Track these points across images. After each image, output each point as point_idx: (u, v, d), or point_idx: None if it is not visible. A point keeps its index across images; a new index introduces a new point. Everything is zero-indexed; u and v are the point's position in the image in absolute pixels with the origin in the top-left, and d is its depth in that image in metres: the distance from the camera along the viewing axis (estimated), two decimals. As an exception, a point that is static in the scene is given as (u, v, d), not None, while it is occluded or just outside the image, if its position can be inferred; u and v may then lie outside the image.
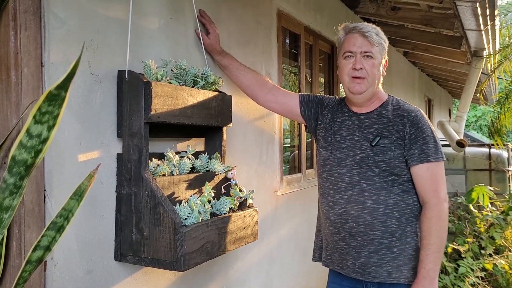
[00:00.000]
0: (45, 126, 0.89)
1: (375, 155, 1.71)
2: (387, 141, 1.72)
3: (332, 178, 1.80)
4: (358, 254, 1.73)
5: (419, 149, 1.70)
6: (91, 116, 1.54)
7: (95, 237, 1.56)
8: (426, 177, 1.70)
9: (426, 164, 1.69)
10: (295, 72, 3.70)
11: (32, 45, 1.35)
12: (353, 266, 1.75)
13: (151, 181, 1.57)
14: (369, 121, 1.78)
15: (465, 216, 4.77)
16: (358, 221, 1.73)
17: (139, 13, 1.75)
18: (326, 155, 1.83)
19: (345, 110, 1.86)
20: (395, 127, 1.73)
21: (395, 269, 1.69)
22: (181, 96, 1.69)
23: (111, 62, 1.61)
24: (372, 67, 1.73)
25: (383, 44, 1.78)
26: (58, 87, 0.85)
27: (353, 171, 1.74)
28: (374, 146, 1.72)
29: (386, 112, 1.78)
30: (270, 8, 2.93)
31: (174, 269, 1.52)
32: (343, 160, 1.77)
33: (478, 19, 3.74)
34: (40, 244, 0.99)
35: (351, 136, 1.78)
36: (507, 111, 5.37)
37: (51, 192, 1.40)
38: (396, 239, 1.71)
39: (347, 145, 1.77)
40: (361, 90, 1.75)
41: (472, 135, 18.66)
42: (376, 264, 1.70)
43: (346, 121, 1.83)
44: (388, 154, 1.70)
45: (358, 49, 1.73)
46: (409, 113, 1.75)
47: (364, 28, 1.75)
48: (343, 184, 1.76)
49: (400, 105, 1.80)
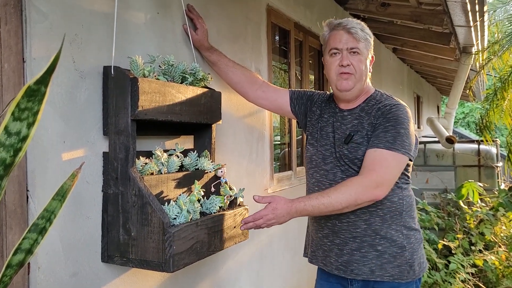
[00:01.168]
0: (25, 123, 0.84)
1: (350, 153, 1.68)
2: (359, 136, 1.68)
3: (317, 175, 1.79)
4: (341, 251, 1.72)
5: (375, 136, 1.62)
6: (76, 113, 1.49)
7: (80, 238, 1.51)
8: (370, 158, 1.60)
9: (375, 148, 1.60)
10: (285, 69, 3.67)
11: (12, 39, 1.30)
12: (336, 263, 1.74)
13: (138, 180, 1.52)
14: (351, 117, 1.76)
15: (455, 212, 4.79)
16: (340, 219, 1.71)
17: (125, 7, 1.70)
18: (313, 151, 1.82)
19: (332, 106, 1.84)
20: (369, 120, 1.69)
21: (378, 267, 1.67)
22: (169, 92, 1.65)
23: (96, 57, 1.56)
24: (359, 63, 1.70)
25: (368, 40, 1.75)
26: (37, 82, 0.81)
27: (337, 168, 1.72)
28: (348, 144, 1.69)
29: (368, 107, 1.74)
30: (259, 4, 2.89)
31: (163, 270, 1.48)
32: (328, 157, 1.75)
33: (468, 15, 3.74)
34: (21, 247, 0.94)
35: (334, 133, 1.77)
36: (495, 108, 5.40)
37: (34, 192, 1.35)
38: (380, 237, 1.68)
39: (331, 142, 1.76)
40: (349, 86, 1.71)
41: (460, 132, 18.82)
42: (359, 262, 1.68)
43: (332, 118, 1.81)
44: (361, 150, 1.65)
45: (344, 45, 1.70)
46: (385, 105, 1.69)
47: (349, 24, 1.72)
48: (327, 181, 1.74)
49: (382, 99, 1.74)
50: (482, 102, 6.09)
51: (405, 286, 1.69)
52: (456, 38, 4.66)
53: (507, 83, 5.17)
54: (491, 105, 5.43)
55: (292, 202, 1.60)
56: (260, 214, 1.59)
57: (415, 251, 1.72)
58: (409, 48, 6.46)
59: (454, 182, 5.64)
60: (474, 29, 4.28)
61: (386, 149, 1.59)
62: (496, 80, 5.63)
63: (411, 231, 1.73)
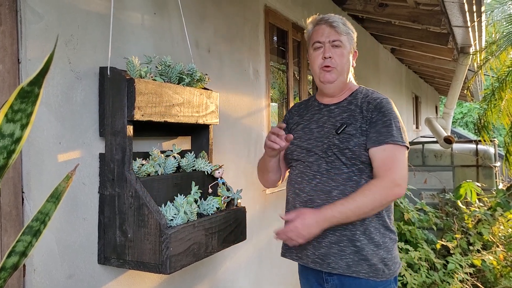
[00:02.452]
0: (18, 125, 0.83)
1: (341, 143, 1.69)
2: (352, 128, 1.70)
3: (301, 166, 1.77)
4: (319, 244, 1.70)
5: (377, 132, 1.67)
6: (72, 114, 1.49)
7: (77, 240, 1.50)
8: (381, 157, 1.65)
9: (383, 146, 1.64)
10: (283, 70, 3.66)
11: (7, 40, 1.29)
12: (312, 256, 1.71)
13: (135, 181, 1.52)
14: (338, 110, 1.78)
15: (453, 212, 4.79)
16: None
17: (121, 8, 1.69)
18: (292, 148, 1.80)
19: (315, 105, 1.86)
20: (361, 114, 1.73)
21: (355, 263, 1.66)
22: (166, 93, 1.64)
23: (92, 58, 1.56)
24: (341, 57, 1.75)
25: (351, 34, 1.79)
26: (31, 83, 0.80)
27: (321, 160, 1.72)
28: (340, 134, 1.70)
29: (355, 100, 1.78)
30: (257, 4, 2.88)
31: (160, 272, 1.47)
32: (311, 149, 1.75)
33: (465, 15, 3.74)
34: (15, 250, 0.93)
35: (320, 127, 1.78)
36: (493, 108, 5.40)
37: (30, 194, 1.34)
38: (360, 233, 1.68)
39: (316, 136, 1.76)
40: (331, 78, 1.75)
41: (458, 132, 18.85)
42: (336, 255, 1.67)
43: (316, 115, 1.83)
44: (353, 142, 1.68)
45: (326, 38, 1.75)
46: (374, 99, 1.75)
47: (330, 19, 1.77)
48: (311, 172, 1.73)
49: (369, 93, 1.80)
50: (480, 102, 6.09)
51: (382, 285, 1.68)
52: (454, 38, 4.66)
53: (504, 83, 5.17)
54: (488, 105, 5.43)
55: (319, 211, 1.61)
56: (290, 226, 1.61)
57: (389, 251, 1.72)
58: (407, 48, 6.47)
59: (452, 182, 5.63)
60: (472, 29, 4.28)
61: (393, 144, 1.65)
62: (494, 80, 5.63)
63: (387, 231, 1.74)
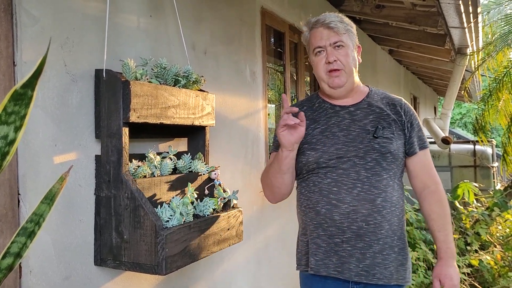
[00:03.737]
0: (12, 127, 0.84)
1: (381, 147, 1.61)
2: (389, 132, 1.64)
3: (334, 175, 1.62)
4: (363, 255, 1.60)
5: (416, 136, 1.72)
6: (68, 116, 1.49)
7: (73, 242, 1.51)
8: (425, 162, 1.74)
9: (424, 151, 1.74)
10: (281, 71, 3.67)
11: (3, 43, 1.30)
12: (356, 269, 1.60)
13: (131, 183, 1.52)
14: (361, 112, 1.69)
15: (451, 212, 4.80)
16: (367, 220, 1.59)
17: (117, 10, 1.70)
18: (317, 154, 1.65)
19: (327, 107, 1.74)
20: (391, 116, 1.68)
21: (395, 270, 1.62)
22: (162, 95, 1.65)
23: (88, 61, 1.57)
24: (346, 57, 1.65)
25: (350, 30, 1.70)
26: (24, 85, 0.81)
27: (359, 167, 1.61)
28: (378, 138, 1.62)
29: (375, 101, 1.71)
30: (253, 6, 2.90)
31: (156, 273, 1.48)
32: (343, 155, 1.63)
33: (461, 16, 3.75)
34: (9, 251, 0.94)
35: (345, 131, 1.66)
36: (490, 108, 5.42)
37: (25, 196, 1.35)
38: (397, 237, 1.64)
39: (344, 141, 1.64)
40: (341, 82, 1.66)
41: (457, 132, 18.86)
42: (381, 265, 1.61)
43: (334, 117, 1.70)
44: (393, 145, 1.63)
45: (327, 41, 1.65)
46: (399, 101, 1.75)
47: (327, 19, 1.67)
48: (350, 180, 1.61)
49: (385, 94, 1.78)
50: (478, 102, 6.11)
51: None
52: (451, 39, 4.67)
53: (501, 84, 5.19)
54: (486, 106, 5.45)
55: (448, 258, 1.67)
56: None
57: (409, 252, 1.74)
58: (405, 49, 6.48)
59: (450, 183, 5.65)
60: (469, 30, 4.30)
61: (427, 148, 1.76)
62: (491, 80, 5.65)
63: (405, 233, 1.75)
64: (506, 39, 5.13)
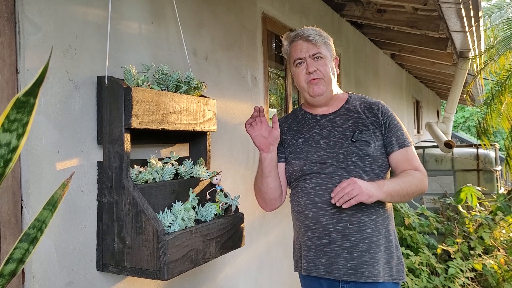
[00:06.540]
0: (14, 135, 0.85)
1: (359, 150, 1.70)
2: (367, 134, 1.73)
3: (319, 179, 1.72)
4: (351, 254, 1.68)
5: (395, 136, 1.75)
6: (70, 123, 1.51)
7: (76, 247, 1.52)
8: (408, 157, 1.76)
9: (405, 149, 1.75)
10: (282, 76, 3.69)
11: (6, 51, 1.32)
12: (345, 268, 1.69)
13: (132, 188, 1.54)
14: (340, 118, 1.79)
15: (454, 216, 4.78)
16: (352, 220, 1.68)
17: (118, 18, 1.72)
18: (301, 163, 1.75)
19: (309, 118, 1.83)
20: (368, 119, 1.76)
21: (383, 267, 1.69)
22: (163, 101, 1.66)
23: (90, 67, 1.58)
24: (325, 67, 1.76)
25: (328, 43, 1.80)
26: (26, 93, 0.82)
27: (341, 170, 1.70)
28: (356, 141, 1.72)
29: (354, 107, 1.80)
30: (254, 12, 2.91)
31: (158, 278, 1.48)
32: (324, 161, 1.73)
33: (463, 20, 3.76)
34: (12, 257, 0.95)
35: (326, 138, 1.76)
36: (493, 112, 5.41)
37: (29, 202, 1.36)
38: (382, 236, 1.71)
39: (325, 148, 1.74)
40: (321, 91, 1.75)
41: (461, 136, 18.82)
42: (368, 264, 1.68)
43: (316, 127, 1.80)
44: (371, 147, 1.71)
45: (306, 53, 1.75)
46: (376, 104, 1.81)
47: (306, 33, 1.77)
48: (333, 183, 1.69)
49: (364, 98, 1.85)
50: (480, 106, 6.10)
51: (394, 286, 1.71)
52: (452, 43, 4.68)
53: (504, 87, 5.19)
54: (488, 109, 5.44)
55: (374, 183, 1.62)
56: (345, 181, 1.57)
57: (399, 250, 1.79)
58: (406, 53, 6.49)
59: (453, 187, 5.63)
60: (470, 34, 4.30)
61: (409, 146, 1.77)
62: (494, 84, 5.64)
63: (394, 233, 1.80)
64: (508, 43, 5.14)
